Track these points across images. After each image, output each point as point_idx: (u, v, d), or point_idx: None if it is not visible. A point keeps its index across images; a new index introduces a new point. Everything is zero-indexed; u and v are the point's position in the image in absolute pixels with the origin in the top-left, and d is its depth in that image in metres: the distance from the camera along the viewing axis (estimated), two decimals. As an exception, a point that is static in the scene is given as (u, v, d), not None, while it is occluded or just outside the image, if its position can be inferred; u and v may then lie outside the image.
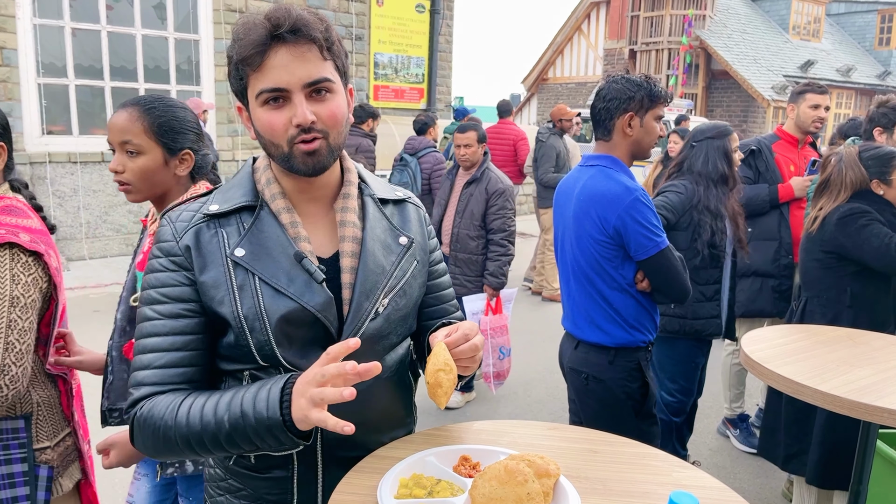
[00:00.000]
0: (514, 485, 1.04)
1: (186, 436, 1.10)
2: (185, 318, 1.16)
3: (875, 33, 22.67)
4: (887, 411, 1.56)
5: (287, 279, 1.16)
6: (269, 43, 1.10)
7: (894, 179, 2.64)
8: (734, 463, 3.69)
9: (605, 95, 2.23)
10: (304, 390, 1.03)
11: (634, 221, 2.11)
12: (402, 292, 1.27)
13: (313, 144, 1.14)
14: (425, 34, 11.90)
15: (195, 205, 1.23)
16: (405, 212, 1.36)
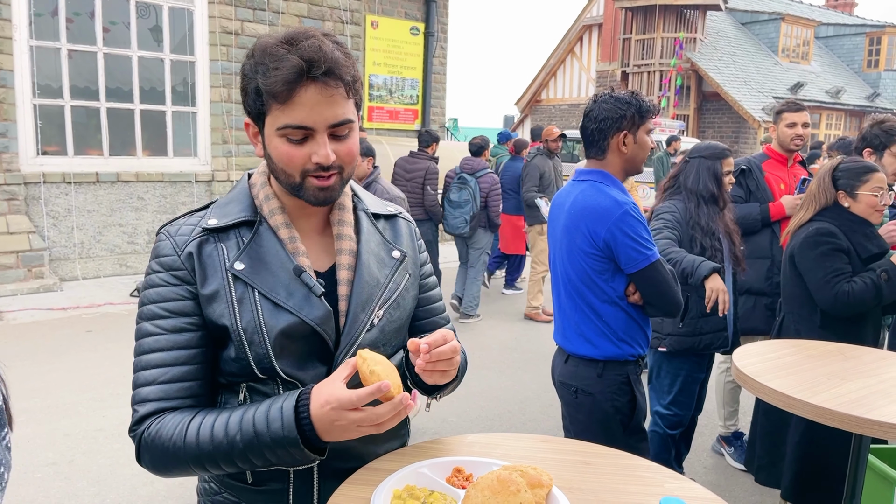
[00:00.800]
0: (506, 494, 1.04)
1: (198, 456, 1.10)
2: (188, 332, 1.17)
3: (864, 55, 23.01)
4: (877, 423, 1.57)
5: (286, 293, 1.17)
6: (301, 81, 1.10)
7: (860, 194, 2.63)
8: (728, 480, 3.68)
9: (597, 116, 2.24)
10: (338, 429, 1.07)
11: (624, 234, 2.13)
12: (397, 304, 1.29)
13: (329, 181, 1.17)
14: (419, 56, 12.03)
15: (192, 220, 1.24)
16: (397, 226, 1.38)
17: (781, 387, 1.74)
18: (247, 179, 1.30)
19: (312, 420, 1.07)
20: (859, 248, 2.59)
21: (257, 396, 1.19)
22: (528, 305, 7.02)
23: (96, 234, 7.91)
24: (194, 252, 1.18)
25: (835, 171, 2.68)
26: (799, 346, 2.21)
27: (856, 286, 2.50)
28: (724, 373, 3.98)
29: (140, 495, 3.30)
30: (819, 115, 20.24)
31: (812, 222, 2.67)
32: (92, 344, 5.59)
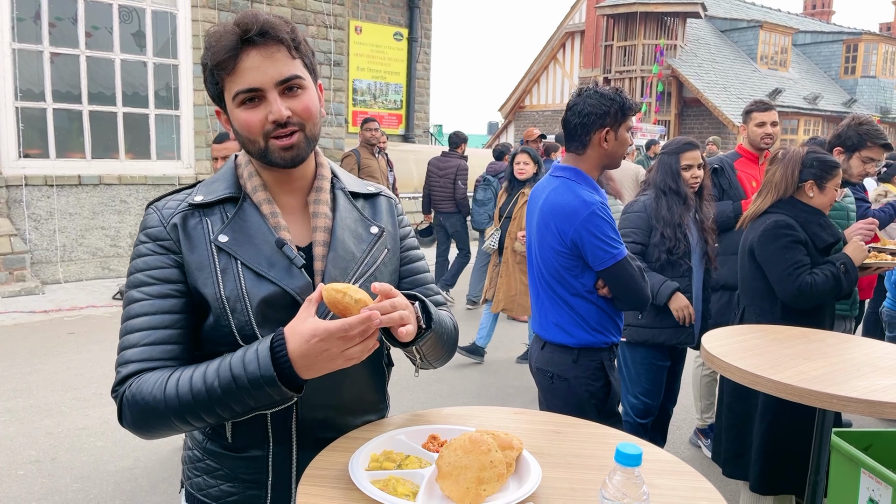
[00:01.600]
0: (478, 453, 1.10)
1: (178, 408, 1.13)
2: (173, 297, 1.22)
3: (840, 62, 23.42)
4: (836, 397, 1.64)
5: (268, 264, 1.23)
6: (241, 47, 1.18)
7: (829, 187, 2.70)
8: (705, 472, 3.75)
9: (581, 111, 2.28)
10: (334, 358, 1.10)
11: (591, 234, 2.19)
12: (373, 278, 1.34)
13: (292, 139, 1.22)
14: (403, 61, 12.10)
15: (180, 196, 1.30)
16: (377, 204, 1.43)
17: (747, 366, 1.81)
18: (234, 160, 1.36)
19: (292, 357, 1.10)
20: (816, 238, 2.65)
21: None
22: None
23: (78, 236, 7.88)
24: (179, 224, 1.24)
25: (804, 162, 2.73)
26: (765, 331, 2.29)
27: (818, 278, 2.56)
28: (701, 366, 4.06)
29: (124, 490, 3.32)
30: (797, 121, 20.56)
31: (769, 214, 2.72)
32: (74, 346, 5.58)
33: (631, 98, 2.33)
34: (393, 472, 1.15)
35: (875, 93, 22.64)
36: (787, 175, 2.72)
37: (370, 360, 1.36)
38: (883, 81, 22.79)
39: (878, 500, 2.13)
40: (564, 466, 1.23)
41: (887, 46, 22.95)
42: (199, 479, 1.33)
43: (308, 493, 1.10)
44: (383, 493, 1.06)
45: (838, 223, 3.13)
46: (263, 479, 1.29)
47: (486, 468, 1.09)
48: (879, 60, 22.69)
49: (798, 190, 2.74)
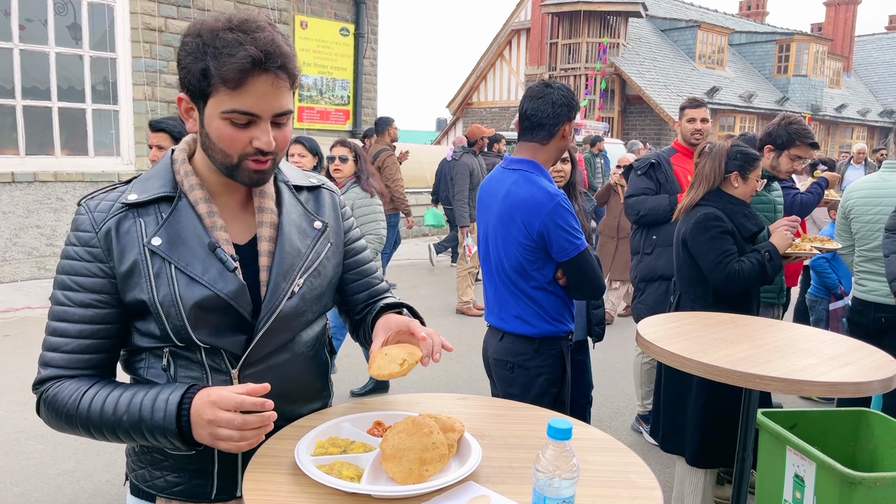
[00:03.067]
0: (420, 436, 1.14)
1: (87, 425, 1.20)
2: (95, 308, 1.23)
3: (773, 62, 24.32)
4: (758, 377, 1.75)
5: (202, 268, 1.23)
6: (254, 71, 1.14)
7: (751, 178, 2.88)
8: (646, 456, 3.89)
9: (555, 100, 2.31)
10: (207, 426, 1.13)
11: (557, 226, 2.22)
12: (317, 272, 1.36)
13: (265, 165, 1.23)
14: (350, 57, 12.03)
15: (114, 194, 1.28)
16: (320, 198, 1.45)
17: (678, 350, 1.91)
18: (170, 155, 1.34)
19: (191, 413, 1.16)
20: (741, 228, 2.83)
21: (180, 361, 1.26)
22: (459, 300, 7.16)
23: (12, 236, 7.60)
24: (112, 229, 1.22)
25: (729, 154, 2.90)
26: (696, 317, 2.41)
27: (745, 265, 2.73)
28: (641, 355, 4.21)
29: (65, 494, 3.25)
30: (734, 118, 21.28)
31: (699, 207, 2.88)
32: (10, 348, 5.39)
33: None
34: (338, 456, 1.19)
35: (806, 91, 23.59)
36: (714, 167, 2.88)
37: (312, 348, 1.41)
38: (814, 80, 23.77)
39: (803, 476, 2.27)
40: (504, 447, 1.28)
41: (818, 46, 23.95)
42: (144, 471, 1.34)
43: (255, 479, 1.13)
44: (329, 476, 1.10)
45: (765, 215, 3.30)
46: (209, 468, 1.31)
47: (428, 449, 1.13)
48: (810, 60, 23.66)
49: (724, 181, 2.91)
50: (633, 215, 3.98)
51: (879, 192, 3.61)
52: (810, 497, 2.23)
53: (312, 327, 1.41)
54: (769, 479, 2.46)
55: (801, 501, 2.28)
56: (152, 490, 1.33)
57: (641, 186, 3.95)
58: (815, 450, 2.22)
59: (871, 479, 2.02)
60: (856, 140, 25.44)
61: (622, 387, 5.12)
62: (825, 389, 1.75)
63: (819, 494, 2.19)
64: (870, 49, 29.91)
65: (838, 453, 2.48)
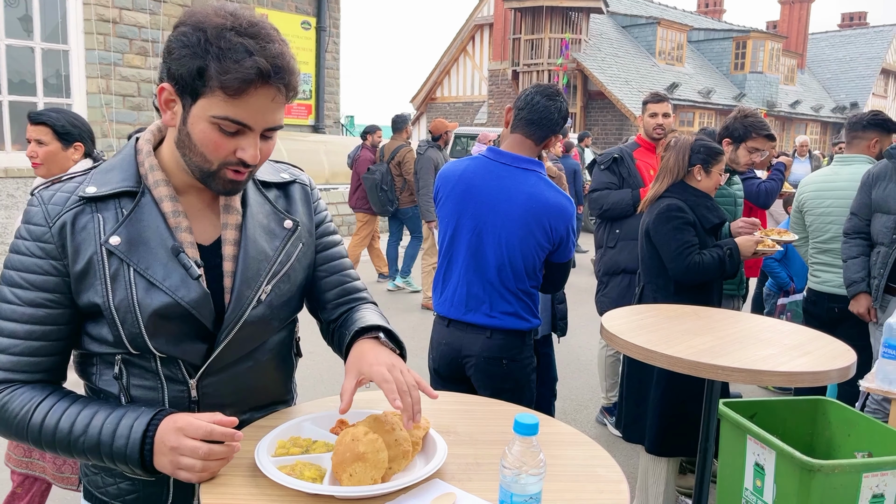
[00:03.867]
0: (382, 433, 1.12)
1: (38, 440, 1.13)
2: (46, 308, 1.14)
3: (731, 59, 24.80)
4: (720, 368, 1.77)
5: (163, 272, 1.14)
6: (258, 83, 1.07)
7: (714, 171, 2.94)
8: (611, 448, 3.93)
9: (561, 109, 2.40)
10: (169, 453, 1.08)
11: (572, 231, 2.39)
12: (287, 277, 1.27)
13: (242, 176, 1.16)
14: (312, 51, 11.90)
15: (70, 185, 1.18)
16: (291, 193, 1.35)
17: (642, 342, 1.92)
18: (133, 144, 1.24)
19: (154, 440, 1.10)
20: (703, 220, 2.88)
21: (133, 369, 1.19)
22: (424, 296, 7.14)
23: (-40, 234, 7.33)
24: (68, 224, 1.13)
25: (692, 148, 2.94)
26: (659, 309, 2.44)
27: (705, 258, 2.79)
28: (605, 348, 4.24)
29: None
30: (693, 114, 21.65)
31: (663, 199, 2.92)
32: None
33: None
34: (299, 456, 1.15)
35: (762, 87, 24.13)
36: (678, 160, 2.93)
37: (278, 354, 1.35)
38: (769, 77, 24.32)
39: (763, 464, 2.30)
40: (470, 443, 1.27)
41: (773, 43, 24.50)
42: (97, 478, 1.28)
43: (212, 484, 1.09)
44: (290, 478, 1.06)
45: (726, 209, 3.35)
46: (165, 476, 1.24)
47: (392, 447, 1.11)
48: (766, 57, 24.19)
49: (688, 174, 2.95)
50: (596, 209, 4.00)
51: (831, 185, 3.70)
52: (770, 485, 2.27)
53: (279, 333, 1.33)
54: (730, 467, 2.49)
55: (762, 489, 2.32)
56: (105, 497, 1.28)
57: (604, 181, 3.98)
58: (775, 438, 2.25)
59: (829, 466, 2.06)
60: (810, 136, 26.15)
61: (586, 380, 5.16)
62: (785, 379, 1.78)
63: (779, 482, 2.22)
64: (823, 46, 30.72)
65: (796, 441, 2.53)
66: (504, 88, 22.26)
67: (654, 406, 2.89)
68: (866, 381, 2.50)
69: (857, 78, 28.73)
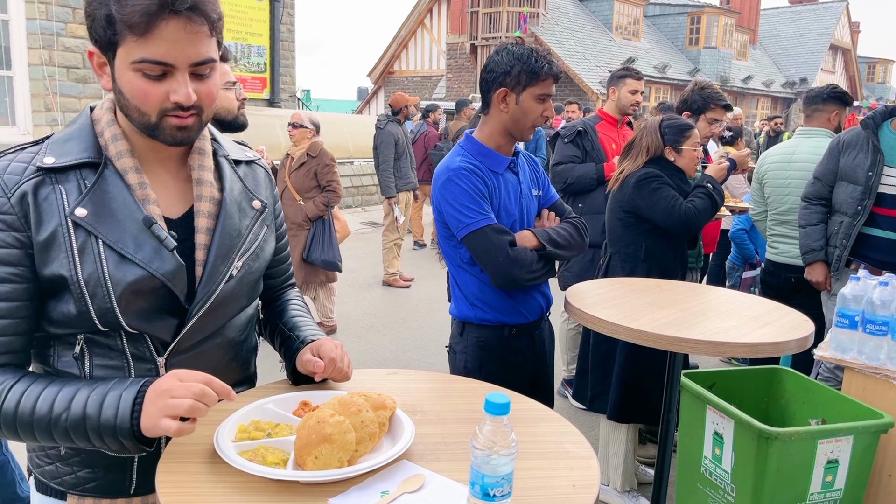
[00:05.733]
0: (348, 415, 1.08)
1: (13, 424, 1.05)
2: (12, 283, 1.07)
3: (686, 34, 25.06)
4: (684, 340, 1.78)
5: (134, 245, 1.11)
6: (162, 14, 1.02)
7: (685, 149, 2.96)
8: (572, 418, 3.96)
9: (486, 66, 2.09)
10: (157, 399, 1.03)
11: (446, 202, 2.06)
12: (256, 256, 1.27)
13: (188, 121, 1.11)
14: (265, 22, 11.58)
15: (24, 155, 1.12)
16: (256, 174, 1.35)
17: (607, 315, 1.92)
18: (88, 114, 1.19)
19: (144, 399, 1.05)
20: (678, 191, 2.90)
21: (97, 349, 1.14)
22: (386, 272, 7.09)
23: None
24: (29, 193, 1.07)
25: (660, 127, 2.95)
26: (623, 283, 2.44)
27: (696, 202, 2.84)
28: (567, 321, 4.28)
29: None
30: (649, 89, 21.86)
31: (637, 170, 2.94)
32: None
33: (550, 63, 2.05)
34: (262, 441, 1.11)
35: (716, 63, 24.47)
36: (652, 138, 2.96)
37: (242, 332, 1.33)
38: (723, 52, 24.67)
39: (722, 433, 2.35)
40: (437, 422, 1.24)
41: (726, 19, 24.82)
42: (51, 468, 1.22)
43: (168, 472, 1.04)
44: (251, 463, 1.02)
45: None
46: (128, 462, 1.21)
47: (358, 429, 1.08)
48: (720, 32, 24.51)
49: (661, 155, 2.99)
50: (560, 183, 4.00)
51: (790, 158, 3.77)
52: (729, 453, 2.32)
53: (246, 311, 1.32)
54: (690, 437, 2.54)
55: (721, 457, 2.36)
56: (62, 487, 1.22)
57: (569, 154, 3.97)
58: (733, 407, 2.29)
59: (785, 434, 2.11)
60: (761, 110, 26.69)
61: (547, 353, 5.20)
62: (746, 350, 1.80)
63: (737, 450, 2.27)
64: (774, 22, 31.24)
65: (753, 410, 2.59)
66: (462, 62, 22.09)
67: (616, 375, 2.93)
68: (820, 350, 2.56)
69: (807, 53, 29.35)
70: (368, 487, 1.02)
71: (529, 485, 1.04)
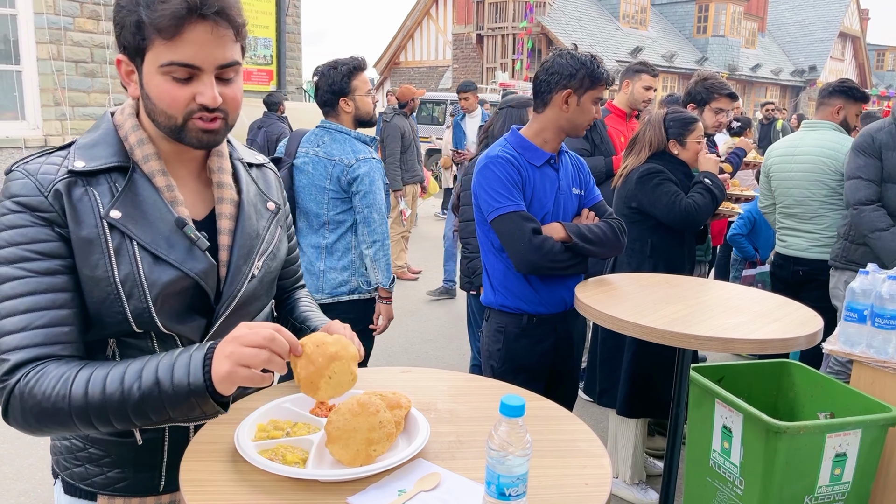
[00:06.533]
0: (366, 416, 1.11)
1: (83, 408, 1.03)
2: (63, 274, 1.09)
3: (693, 22, 24.88)
4: (693, 337, 1.80)
5: (168, 246, 1.14)
6: (189, 17, 1.06)
7: (689, 142, 2.97)
8: (579, 411, 3.98)
9: (549, 68, 2.24)
10: (227, 345, 1.04)
11: (480, 186, 2.24)
12: (273, 255, 1.32)
13: (214, 124, 1.14)
14: (271, 14, 11.57)
15: (54, 158, 1.14)
16: (267, 177, 1.40)
17: (616, 312, 1.93)
18: (110, 119, 1.21)
19: (213, 355, 1.05)
20: (681, 185, 2.92)
21: (128, 350, 1.17)
22: (393, 265, 7.11)
23: None
24: (63, 192, 1.09)
25: (664, 121, 2.96)
26: (632, 278, 2.46)
27: (696, 198, 2.86)
28: (575, 314, 4.29)
29: (-17, 482, 3.08)
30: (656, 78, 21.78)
31: (640, 166, 2.96)
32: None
33: (607, 73, 2.25)
34: (281, 440, 1.14)
35: (724, 51, 24.31)
36: (656, 132, 2.98)
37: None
38: (731, 40, 24.50)
39: (731, 427, 2.37)
40: (451, 420, 1.26)
41: (735, 7, 24.63)
42: (80, 469, 1.25)
43: (192, 471, 1.07)
44: (272, 462, 1.05)
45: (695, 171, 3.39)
46: (157, 461, 1.24)
47: (375, 429, 1.10)
48: (728, 20, 24.33)
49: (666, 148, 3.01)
50: (568, 176, 4.00)
51: (795, 150, 3.76)
52: (738, 447, 2.34)
53: (263, 311, 1.36)
54: (699, 430, 2.56)
55: (729, 451, 2.39)
56: (92, 488, 1.25)
57: (577, 147, 3.97)
58: (742, 401, 2.31)
59: (794, 428, 2.12)
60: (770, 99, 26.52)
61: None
62: (755, 346, 1.82)
63: (746, 444, 2.29)
64: (783, 10, 30.98)
65: (762, 403, 2.61)
66: (469, 52, 22.02)
67: (624, 370, 2.95)
68: (829, 344, 2.57)
69: (816, 41, 29.10)
70: (386, 486, 1.04)
71: (542, 483, 1.06)
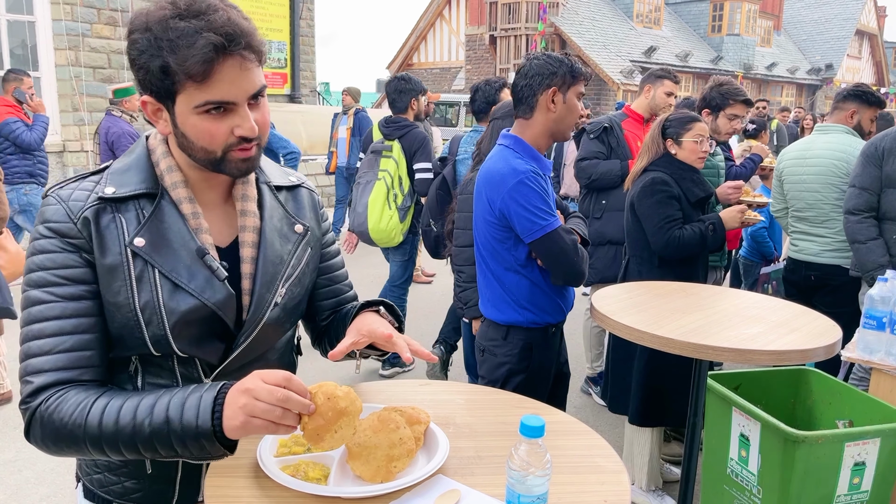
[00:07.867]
0: (386, 432, 1.12)
1: (97, 437, 1.07)
2: (88, 300, 1.13)
3: (708, 21, 24.71)
4: (710, 348, 1.80)
5: (188, 274, 1.16)
6: (219, 58, 1.06)
7: (684, 141, 2.93)
8: (596, 417, 4.00)
9: (527, 72, 2.19)
10: (240, 397, 1.03)
11: (517, 204, 2.11)
12: (298, 281, 1.31)
13: (250, 152, 1.15)
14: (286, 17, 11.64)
15: (86, 184, 1.17)
16: (299, 198, 1.37)
17: (632, 322, 1.94)
18: (145, 143, 1.23)
19: (226, 400, 1.06)
20: (688, 193, 2.90)
21: (150, 367, 1.20)
22: (409, 268, 7.13)
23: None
24: (91, 220, 1.13)
25: (664, 122, 2.96)
26: (648, 287, 2.45)
27: (685, 233, 2.81)
28: (590, 319, 4.29)
29: (8, 485, 3.12)
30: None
31: (648, 172, 2.94)
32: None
33: (583, 68, 2.22)
34: (303, 455, 1.16)
35: (739, 50, 24.11)
36: (654, 137, 2.97)
37: (283, 355, 1.38)
38: (746, 39, 24.30)
39: (749, 435, 2.36)
40: (470, 435, 1.27)
41: (750, 5, 24.43)
42: (100, 476, 1.27)
43: (216, 486, 1.09)
44: (294, 479, 1.07)
45: (710, 180, 3.37)
46: (173, 474, 1.26)
47: (396, 446, 1.11)
48: (743, 19, 24.13)
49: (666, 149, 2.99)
50: (584, 179, 3.99)
51: (806, 154, 3.74)
52: (755, 455, 2.33)
53: (285, 336, 1.37)
54: (716, 438, 2.55)
55: (747, 459, 2.38)
56: (109, 496, 1.27)
57: (593, 150, 3.96)
58: (759, 410, 2.30)
59: (812, 437, 2.11)
60: (785, 98, 26.28)
61: (570, 350, 5.18)
62: (774, 358, 1.81)
63: (764, 452, 2.28)
64: (798, 8, 30.69)
65: (779, 410, 2.59)
66: (482, 54, 22.02)
67: (636, 378, 2.94)
68: (847, 351, 2.55)
69: (832, 39, 28.80)
70: (407, 503, 1.05)
71: (562, 500, 1.06)
